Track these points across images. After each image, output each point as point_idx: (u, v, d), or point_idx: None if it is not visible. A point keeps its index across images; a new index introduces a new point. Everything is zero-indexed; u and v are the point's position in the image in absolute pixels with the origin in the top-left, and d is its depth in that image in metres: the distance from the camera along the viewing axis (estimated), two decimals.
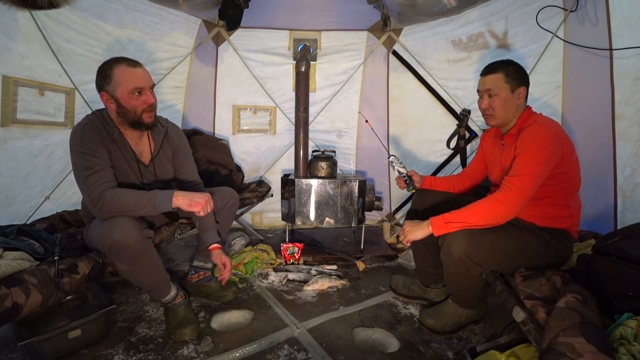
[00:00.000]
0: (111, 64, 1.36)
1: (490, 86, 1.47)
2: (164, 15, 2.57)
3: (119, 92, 1.36)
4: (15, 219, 1.86)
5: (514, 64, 1.48)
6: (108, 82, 1.36)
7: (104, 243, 1.32)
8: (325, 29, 3.06)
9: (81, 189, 1.36)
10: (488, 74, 1.49)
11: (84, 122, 1.41)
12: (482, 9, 2.47)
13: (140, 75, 1.39)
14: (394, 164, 1.86)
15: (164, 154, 1.61)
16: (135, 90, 1.37)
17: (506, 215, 1.33)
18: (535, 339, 1.02)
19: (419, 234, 1.43)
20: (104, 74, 1.37)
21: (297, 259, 2.37)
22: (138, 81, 1.38)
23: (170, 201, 1.36)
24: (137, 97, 1.38)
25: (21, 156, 1.92)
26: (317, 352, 1.44)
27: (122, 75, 1.35)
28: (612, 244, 1.31)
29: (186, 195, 1.39)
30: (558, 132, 1.37)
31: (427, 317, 1.61)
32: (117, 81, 1.35)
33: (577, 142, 2.09)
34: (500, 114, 1.48)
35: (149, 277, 1.46)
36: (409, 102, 3.06)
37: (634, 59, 1.69)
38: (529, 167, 1.32)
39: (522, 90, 1.46)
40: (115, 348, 1.45)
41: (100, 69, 1.38)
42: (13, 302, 1.16)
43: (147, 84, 1.41)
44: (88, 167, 1.33)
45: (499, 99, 1.46)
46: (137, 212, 1.36)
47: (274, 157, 3.26)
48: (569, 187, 1.43)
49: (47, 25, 1.95)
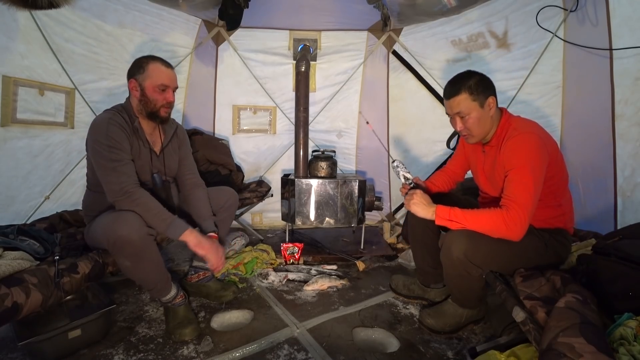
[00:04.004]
0: (148, 59, 1.51)
1: (458, 109, 1.41)
2: (164, 15, 2.57)
3: (147, 83, 1.49)
4: (15, 219, 1.86)
5: (473, 75, 1.40)
6: (140, 73, 1.50)
7: (109, 238, 1.34)
8: (325, 29, 3.06)
9: (107, 178, 1.43)
10: (452, 97, 1.41)
11: (106, 116, 1.48)
12: (482, 9, 2.47)
13: (170, 75, 1.54)
14: (399, 169, 1.69)
15: (172, 146, 1.72)
16: (161, 87, 1.51)
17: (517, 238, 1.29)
18: (535, 339, 1.02)
19: (420, 212, 1.44)
20: (138, 65, 1.50)
21: (297, 259, 2.37)
22: (165, 79, 1.52)
23: (181, 232, 1.46)
24: (161, 92, 1.52)
25: (21, 156, 1.92)
26: (317, 352, 1.44)
27: (155, 70, 1.50)
28: (612, 244, 1.30)
29: (197, 237, 1.49)
30: (541, 137, 1.33)
31: (427, 317, 1.61)
32: (149, 74, 1.49)
33: (577, 142, 2.10)
34: (477, 132, 1.43)
35: (151, 274, 1.47)
36: (409, 102, 3.06)
37: (634, 59, 1.69)
38: (524, 184, 1.28)
39: (491, 101, 1.40)
40: (115, 348, 1.45)
41: (137, 60, 1.52)
42: (13, 302, 1.16)
43: (172, 85, 1.55)
44: (116, 159, 1.42)
45: (472, 118, 1.40)
46: (152, 221, 1.43)
47: (274, 157, 3.26)
48: (558, 188, 1.42)
49: (47, 25, 1.95)
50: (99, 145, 1.42)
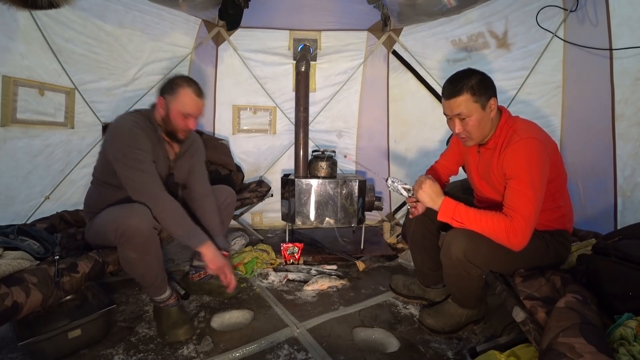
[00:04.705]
0: (183, 83, 1.52)
1: (459, 111, 1.32)
2: (164, 15, 2.57)
3: (173, 106, 1.51)
4: (15, 219, 1.86)
5: (475, 74, 1.32)
6: (170, 94, 1.51)
7: (119, 227, 1.35)
8: (325, 29, 3.06)
9: (132, 177, 1.43)
10: (452, 97, 1.32)
11: (131, 119, 1.49)
12: (482, 9, 2.47)
13: (198, 106, 1.55)
14: (396, 183, 1.52)
15: (186, 156, 1.73)
16: (185, 114, 1.52)
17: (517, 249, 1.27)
18: (535, 339, 1.02)
19: (427, 202, 1.39)
20: (172, 85, 1.52)
21: (297, 259, 2.37)
22: (191, 109, 1.53)
23: (200, 244, 1.49)
24: (183, 119, 1.53)
25: (21, 156, 1.92)
26: (317, 352, 1.44)
27: (184, 97, 1.51)
28: (612, 244, 1.30)
29: (214, 252, 1.51)
30: (542, 142, 1.29)
31: (427, 317, 1.61)
32: (178, 98, 1.50)
33: (577, 142, 2.10)
34: (477, 135, 1.37)
35: (153, 269, 1.48)
36: (409, 102, 3.06)
37: (634, 59, 1.69)
38: (526, 196, 1.24)
39: (492, 102, 1.33)
40: (115, 348, 1.45)
41: (173, 80, 1.54)
42: (13, 301, 1.16)
43: (196, 114, 1.56)
44: (141, 160, 1.44)
45: (472, 121, 1.33)
46: (173, 225, 1.47)
47: (274, 157, 3.26)
48: (557, 191, 1.40)
49: (47, 25, 1.95)
50: (122, 144, 1.43)
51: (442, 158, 1.81)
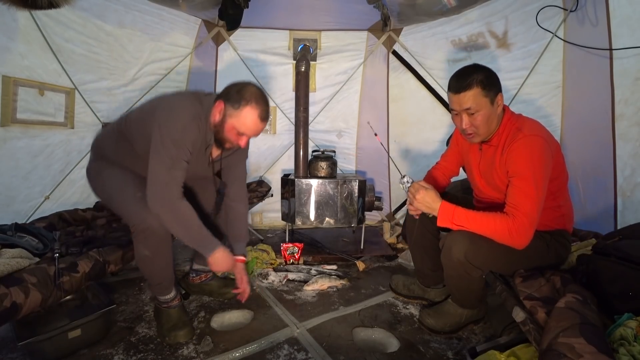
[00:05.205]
0: (250, 99, 1.38)
1: (468, 105, 1.30)
2: (164, 15, 2.57)
3: (231, 120, 1.39)
4: (15, 219, 1.84)
5: (483, 69, 1.31)
6: (232, 105, 1.39)
7: (137, 225, 1.37)
8: (325, 29, 3.05)
9: (157, 169, 1.33)
10: (462, 91, 1.29)
11: (190, 113, 1.38)
12: (482, 9, 2.47)
13: (256, 127, 1.42)
14: (408, 185, 1.47)
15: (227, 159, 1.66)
16: (240, 132, 1.41)
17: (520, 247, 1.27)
18: (535, 339, 1.02)
19: (425, 210, 1.38)
20: (238, 97, 1.38)
21: (297, 259, 2.37)
22: (248, 129, 1.41)
23: (213, 250, 1.41)
24: (237, 135, 1.42)
25: (21, 156, 1.92)
26: (317, 352, 1.44)
27: (246, 115, 1.38)
28: (612, 244, 1.30)
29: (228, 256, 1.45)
30: (546, 140, 1.29)
31: (427, 317, 1.61)
32: (238, 114, 1.38)
33: (577, 142, 2.09)
34: (484, 131, 1.35)
35: (164, 268, 1.49)
36: (409, 102, 3.06)
37: (634, 59, 1.69)
38: (529, 194, 1.24)
39: (500, 98, 1.33)
40: (115, 348, 1.45)
41: (242, 90, 1.39)
42: (12, 302, 1.16)
43: (251, 135, 1.45)
44: (176, 158, 1.33)
45: (481, 115, 1.31)
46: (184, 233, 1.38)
47: (274, 157, 3.26)
48: (558, 190, 1.40)
49: (47, 25, 1.95)
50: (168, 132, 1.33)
51: (442, 159, 1.82)
